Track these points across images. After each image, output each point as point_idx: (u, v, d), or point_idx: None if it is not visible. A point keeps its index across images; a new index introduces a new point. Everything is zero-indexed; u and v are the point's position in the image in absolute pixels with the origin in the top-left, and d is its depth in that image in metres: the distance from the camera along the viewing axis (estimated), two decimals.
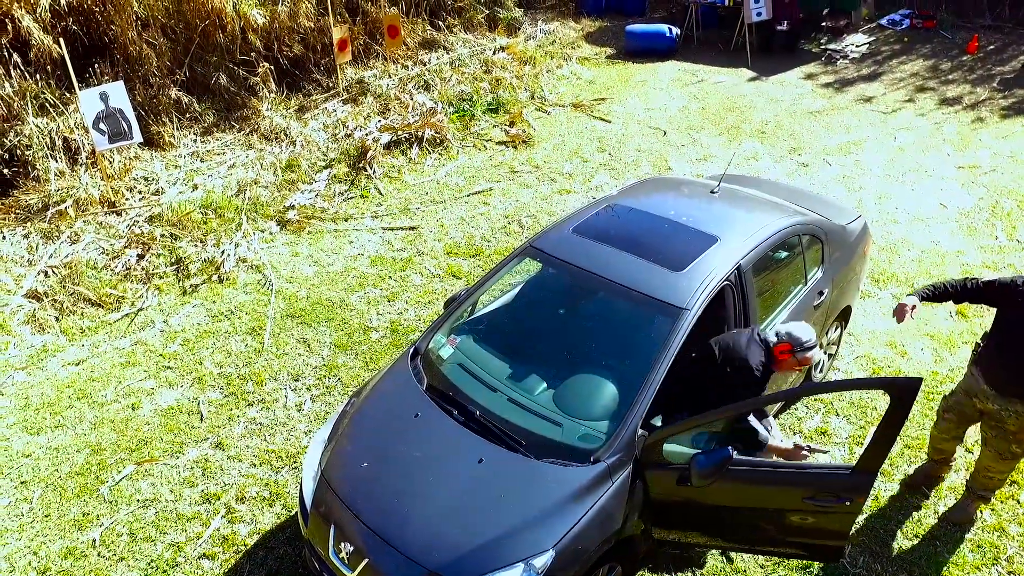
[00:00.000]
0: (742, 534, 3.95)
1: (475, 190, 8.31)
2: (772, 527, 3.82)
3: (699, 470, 3.56)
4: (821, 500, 3.57)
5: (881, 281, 6.64)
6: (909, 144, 9.11)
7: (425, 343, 4.55)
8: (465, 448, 3.88)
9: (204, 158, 8.58)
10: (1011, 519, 4.51)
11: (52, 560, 4.40)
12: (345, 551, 3.66)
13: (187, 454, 5.10)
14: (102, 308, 6.44)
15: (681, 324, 4.01)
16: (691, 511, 3.90)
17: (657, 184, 5.90)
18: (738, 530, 3.93)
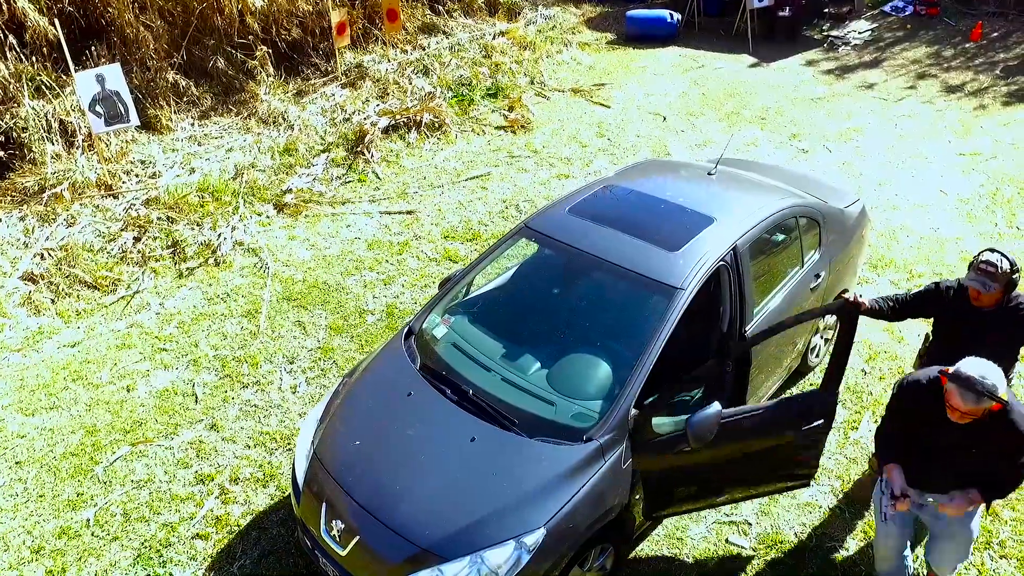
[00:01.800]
0: (736, 484, 4.07)
1: (473, 175, 8.28)
2: (763, 467, 4.02)
3: (694, 431, 3.59)
4: (802, 428, 3.83)
5: (879, 267, 6.61)
6: (910, 131, 9.05)
7: (419, 323, 4.54)
8: (458, 427, 3.87)
9: (201, 142, 8.55)
10: (1004, 504, 4.50)
11: (46, 539, 4.41)
12: (336, 529, 3.66)
13: (181, 435, 5.10)
14: (98, 290, 6.43)
15: (676, 304, 3.99)
16: (688, 477, 3.95)
17: (654, 166, 5.87)
18: (732, 481, 4.05)
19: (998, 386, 3.02)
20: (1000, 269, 3.58)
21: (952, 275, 6.43)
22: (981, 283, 3.62)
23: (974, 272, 3.66)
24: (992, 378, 3.03)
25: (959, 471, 3.34)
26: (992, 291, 3.61)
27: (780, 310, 4.68)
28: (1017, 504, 4.50)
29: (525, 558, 3.45)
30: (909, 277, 6.47)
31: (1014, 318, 3.71)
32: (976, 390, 3.02)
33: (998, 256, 3.62)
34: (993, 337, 3.70)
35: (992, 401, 3.02)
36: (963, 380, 3.05)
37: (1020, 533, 4.34)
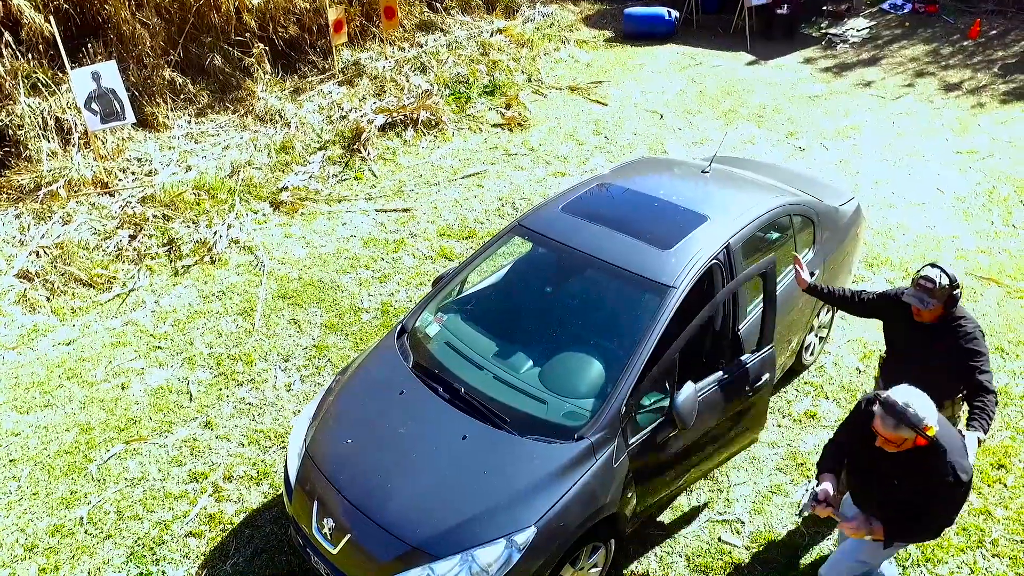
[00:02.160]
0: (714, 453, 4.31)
1: (469, 172, 8.27)
2: (732, 431, 4.30)
3: (680, 412, 3.68)
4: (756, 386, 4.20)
5: (875, 265, 6.61)
6: (907, 129, 9.04)
7: (412, 321, 4.54)
8: (449, 425, 3.88)
9: (198, 139, 8.54)
10: (997, 502, 4.50)
11: (39, 537, 4.41)
12: (328, 527, 3.67)
13: (176, 433, 5.11)
14: (93, 288, 6.43)
15: (668, 302, 3.99)
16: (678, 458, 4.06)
17: (648, 164, 5.87)
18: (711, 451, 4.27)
19: (923, 419, 2.90)
20: (938, 285, 3.50)
21: None
22: (919, 299, 3.56)
23: (913, 288, 3.61)
24: (917, 408, 2.91)
25: (883, 500, 3.25)
26: (931, 307, 3.54)
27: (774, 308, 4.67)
28: (1010, 502, 4.51)
29: (516, 556, 3.45)
30: (905, 275, 6.46)
31: (956, 336, 3.60)
32: (895, 415, 2.92)
33: (938, 272, 3.54)
34: (936, 355, 3.63)
35: (913, 432, 2.92)
36: (886, 404, 2.96)
37: (1013, 532, 4.35)
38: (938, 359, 3.61)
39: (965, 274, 6.46)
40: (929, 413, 2.93)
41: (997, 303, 6.11)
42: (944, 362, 3.60)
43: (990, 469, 4.71)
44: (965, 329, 3.60)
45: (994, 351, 5.61)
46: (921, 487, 3.07)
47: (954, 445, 3.06)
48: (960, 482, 3.01)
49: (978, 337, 3.61)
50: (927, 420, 2.92)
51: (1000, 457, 4.78)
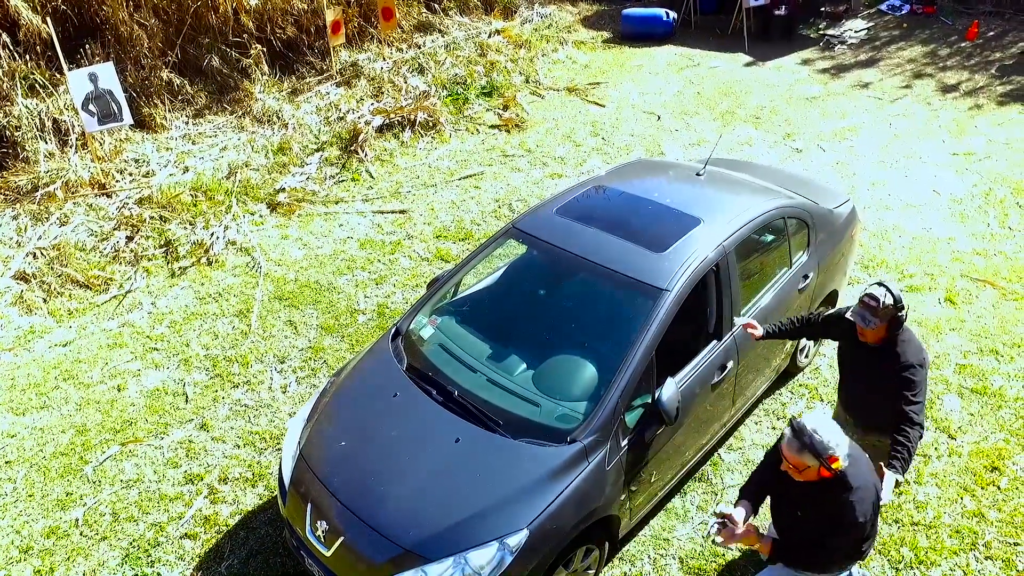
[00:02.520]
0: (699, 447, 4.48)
1: (466, 174, 8.28)
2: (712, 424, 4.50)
3: (665, 407, 3.73)
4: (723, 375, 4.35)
5: (871, 267, 6.62)
6: (904, 130, 9.04)
7: (406, 323, 4.55)
8: (443, 428, 3.89)
9: (195, 140, 8.55)
10: (990, 505, 4.51)
11: (35, 539, 4.42)
12: (321, 529, 3.67)
13: (171, 435, 5.12)
14: (90, 290, 6.44)
15: (661, 305, 4.00)
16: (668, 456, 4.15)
17: (643, 166, 5.88)
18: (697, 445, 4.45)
19: (828, 449, 2.85)
20: (882, 304, 3.40)
21: (943, 275, 6.46)
22: (861, 317, 3.46)
23: (858, 305, 3.51)
24: (824, 436, 2.87)
25: (787, 526, 3.25)
26: (873, 327, 3.44)
27: (768, 310, 4.69)
28: (1003, 505, 4.51)
29: (508, 559, 3.46)
30: (901, 277, 6.47)
31: (896, 361, 3.49)
32: (799, 439, 2.89)
33: (883, 291, 3.43)
34: (881, 377, 3.53)
35: (816, 460, 2.88)
36: (794, 426, 2.94)
37: (1006, 534, 4.35)
38: (883, 381, 3.50)
39: (961, 276, 6.47)
40: (836, 445, 2.88)
41: (992, 305, 6.12)
42: (889, 384, 3.49)
43: (983, 472, 4.72)
44: (905, 356, 3.49)
45: (988, 353, 5.63)
46: (823, 520, 3.02)
47: (864, 483, 3.00)
48: (856, 524, 2.96)
49: (915, 366, 3.48)
50: (832, 451, 2.87)
51: (993, 460, 4.79)
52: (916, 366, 3.48)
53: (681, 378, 4.08)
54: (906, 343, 3.52)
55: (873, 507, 3.04)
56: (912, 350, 3.52)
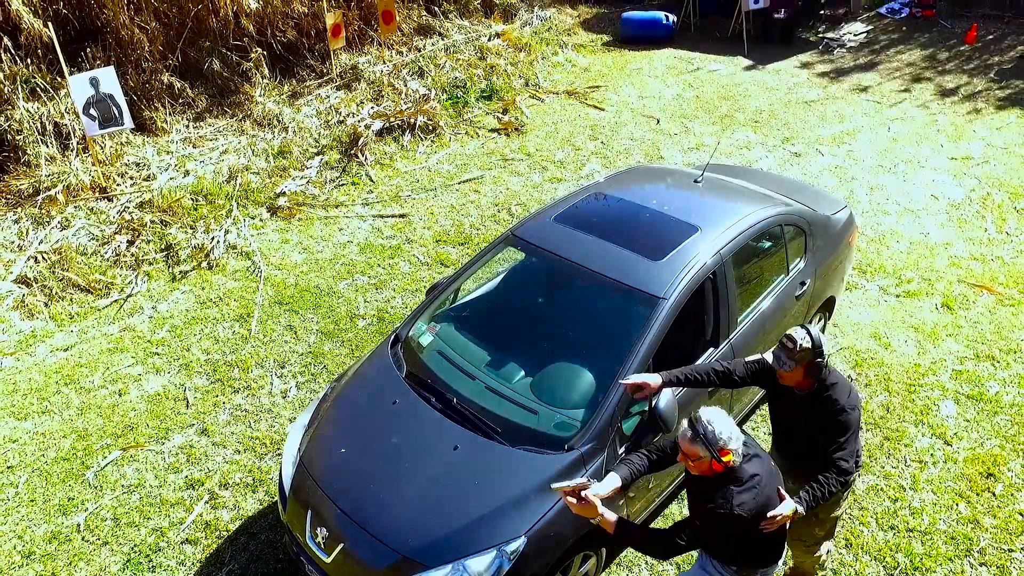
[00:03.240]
0: None
1: (466, 178, 8.31)
2: None
3: (662, 414, 3.74)
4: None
5: (868, 272, 6.65)
6: (903, 134, 9.07)
7: (406, 330, 4.58)
8: (441, 435, 3.92)
9: (196, 144, 8.58)
10: (985, 511, 4.54)
11: (37, 544, 4.45)
12: (321, 536, 3.71)
13: (172, 440, 5.15)
14: (91, 294, 6.47)
15: (658, 313, 4.03)
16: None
17: (641, 173, 5.90)
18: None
19: (719, 440, 2.91)
20: (799, 347, 3.27)
21: (941, 280, 6.49)
22: (776, 358, 3.35)
23: (776, 347, 3.39)
24: (716, 428, 2.92)
25: (692, 513, 3.24)
26: (788, 369, 3.31)
27: (765, 318, 4.73)
28: (998, 511, 4.55)
29: (506, 566, 3.49)
30: (898, 283, 6.50)
31: (825, 407, 3.39)
32: (693, 429, 2.95)
33: (803, 334, 3.30)
34: (809, 423, 3.44)
35: (707, 452, 2.92)
36: (691, 417, 3.00)
37: (1000, 540, 4.39)
38: (812, 428, 3.41)
39: (958, 281, 6.50)
40: (728, 438, 2.93)
41: (989, 311, 6.15)
42: (819, 430, 3.40)
43: (979, 478, 4.75)
44: (835, 402, 3.37)
45: (985, 359, 5.66)
46: (707, 514, 3.04)
47: (757, 486, 3.02)
48: (732, 515, 2.96)
49: (845, 410, 3.37)
50: (724, 444, 2.92)
51: (989, 466, 4.82)
52: (847, 410, 3.37)
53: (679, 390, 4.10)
54: (835, 387, 3.40)
55: (757, 512, 3.02)
56: (841, 393, 3.40)
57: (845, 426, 3.37)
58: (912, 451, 4.96)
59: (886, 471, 4.83)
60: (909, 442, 5.01)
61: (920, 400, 5.32)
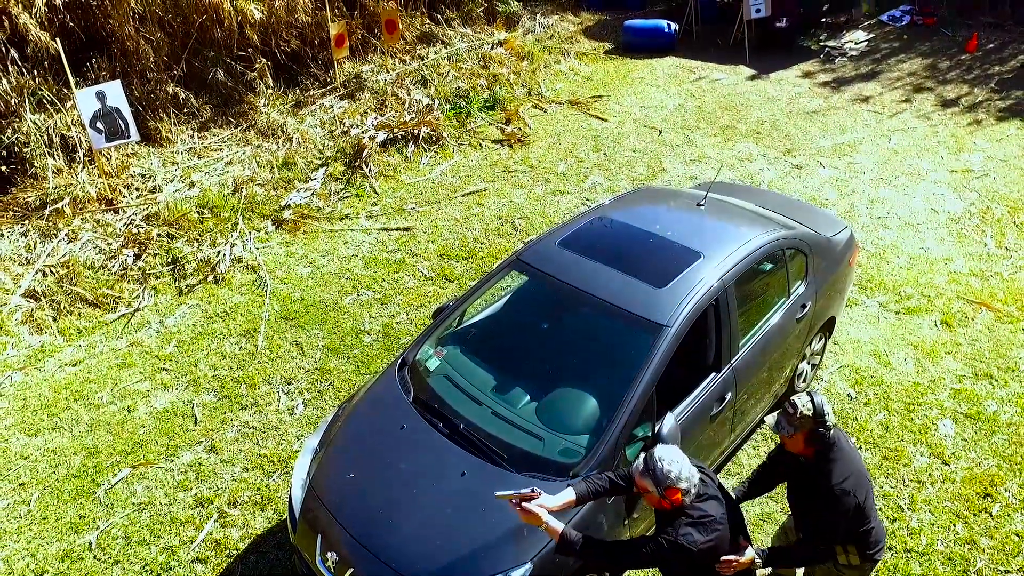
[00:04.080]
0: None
1: (469, 190, 8.37)
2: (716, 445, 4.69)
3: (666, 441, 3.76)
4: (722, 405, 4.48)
5: (868, 289, 6.71)
6: (904, 146, 9.13)
7: (413, 354, 4.64)
8: (449, 461, 3.98)
9: (201, 154, 8.64)
10: (983, 532, 4.62)
11: (49, 562, 4.53)
12: (331, 560, 3.77)
13: (181, 457, 5.22)
14: (99, 308, 6.54)
15: (662, 341, 4.10)
16: None
17: (645, 195, 5.96)
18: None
19: (667, 479, 2.98)
20: (799, 413, 3.20)
21: (940, 297, 6.56)
22: (777, 423, 3.30)
23: (779, 411, 3.33)
24: (667, 468, 2.99)
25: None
26: (787, 434, 3.26)
27: (767, 341, 4.80)
28: (995, 532, 4.62)
29: None
30: (898, 299, 6.57)
31: (824, 480, 3.26)
32: (645, 464, 3.04)
33: (805, 400, 3.23)
34: (809, 494, 3.35)
35: (655, 488, 3.00)
36: (647, 453, 3.07)
37: (997, 561, 4.46)
38: (810, 499, 3.35)
39: (957, 297, 6.57)
40: (677, 479, 3.00)
41: (988, 328, 6.22)
42: (815, 501, 3.32)
43: (976, 498, 4.83)
44: (830, 484, 3.25)
45: (983, 378, 5.73)
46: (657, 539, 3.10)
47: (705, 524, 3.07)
48: (676, 543, 3.03)
49: (838, 496, 3.23)
50: (673, 483, 3.00)
51: (986, 486, 4.90)
52: (838, 494, 3.22)
53: (680, 411, 4.19)
54: (833, 463, 3.27)
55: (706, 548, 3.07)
56: (838, 473, 3.25)
57: (832, 506, 3.24)
58: (910, 470, 5.03)
59: (884, 491, 4.90)
60: (907, 461, 5.09)
61: (919, 419, 5.40)
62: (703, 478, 3.19)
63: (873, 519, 3.39)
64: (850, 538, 3.37)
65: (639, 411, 3.99)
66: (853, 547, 3.41)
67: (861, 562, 3.45)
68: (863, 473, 3.37)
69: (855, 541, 3.39)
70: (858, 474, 3.32)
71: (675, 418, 3.98)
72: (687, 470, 3.06)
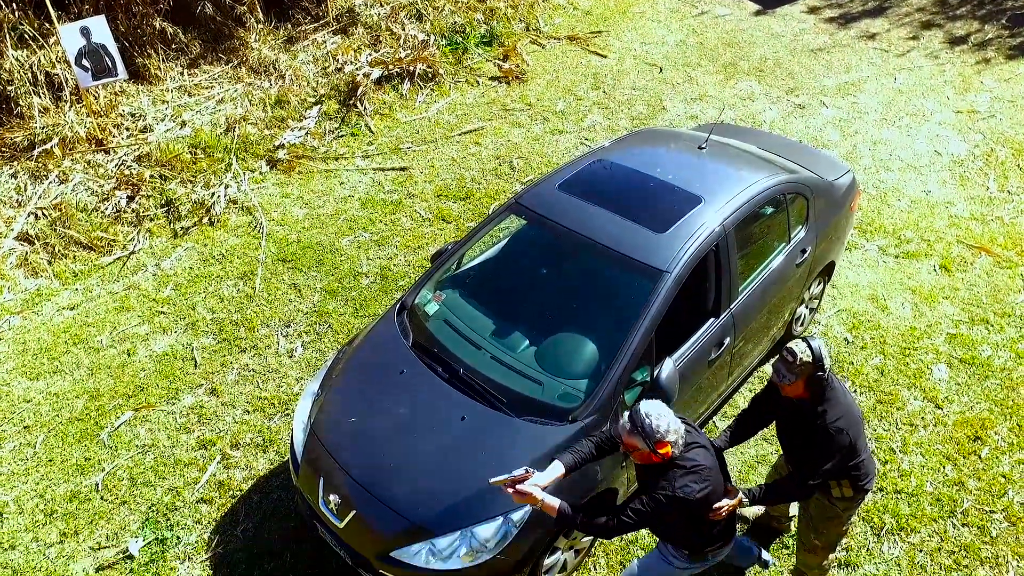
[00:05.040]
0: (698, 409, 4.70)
1: (467, 129, 8.21)
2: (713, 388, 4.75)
3: (664, 385, 3.84)
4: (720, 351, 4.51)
5: (868, 232, 6.68)
6: (909, 86, 8.94)
7: (411, 298, 4.64)
8: (449, 405, 4.03)
9: (192, 92, 8.42)
10: (971, 474, 4.72)
11: (58, 503, 4.62)
12: (334, 502, 3.85)
13: (182, 400, 5.27)
14: (94, 251, 6.49)
15: (662, 287, 4.09)
16: None
17: (646, 137, 5.85)
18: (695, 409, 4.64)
19: (656, 433, 3.02)
20: (799, 360, 3.22)
21: (940, 241, 6.54)
22: (777, 371, 3.32)
23: (777, 358, 3.35)
24: (654, 423, 3.03)
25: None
26: (788, 382, 3.29)
27: (766, 287, 4.79)
28: (983, 474, 4.73)
29: (512, 532, 3.66)
30: (898, 243, 6.54)
31: (814, 423, 3.34)
32: (632, 421, 3.07)
33: (803, 347, 3.24)
34: (803, 432, 3.41)
35: (645, 443, 3.04)
36: (632, 409, 3.11)
37: (983, 502, 4.58)
38: (804, 437, 3.41)
39: (957, 242, 6.55)
40: (666, 432, 3.03)
41: (986, 273, 6.22)
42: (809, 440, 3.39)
43: (967, 441, 4.92)
44: (825, 423, 3.32)
45: (979, 323, 5.77)
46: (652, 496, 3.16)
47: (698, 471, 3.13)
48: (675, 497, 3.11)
49: (831, 433, 3.31)
50: (662, 436, 3.03)
51: (977, 429, 4.98)
52: (833, 433, 3.31)
53: (679, 356, 4.21)
54: (828, 403, 3.33)
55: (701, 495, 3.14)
56: (832, 418, 3.32)
57: (829, 451, 3.33)
58: (904, 414, 5.11)
59: (878, 433, 4.99)
60: (901, 405, 5.16)
61: (914, 363, 5.45)
62: (687, 428, 3.23)
63: (864, 452, 3.50)
64: (843, 473, 3.47)
65: (638, 356, 4.01)
66: (847, 480, 3.51)
67: (853, 494, 3.56)
68: (855, 411, 3.46)
69: (847, 475, 3.49)
70: (850, 412, 3.40)
71: (674, 363, 4.00)
72: (674, 423, 3.10)
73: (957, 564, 4.29)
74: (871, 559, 4.32)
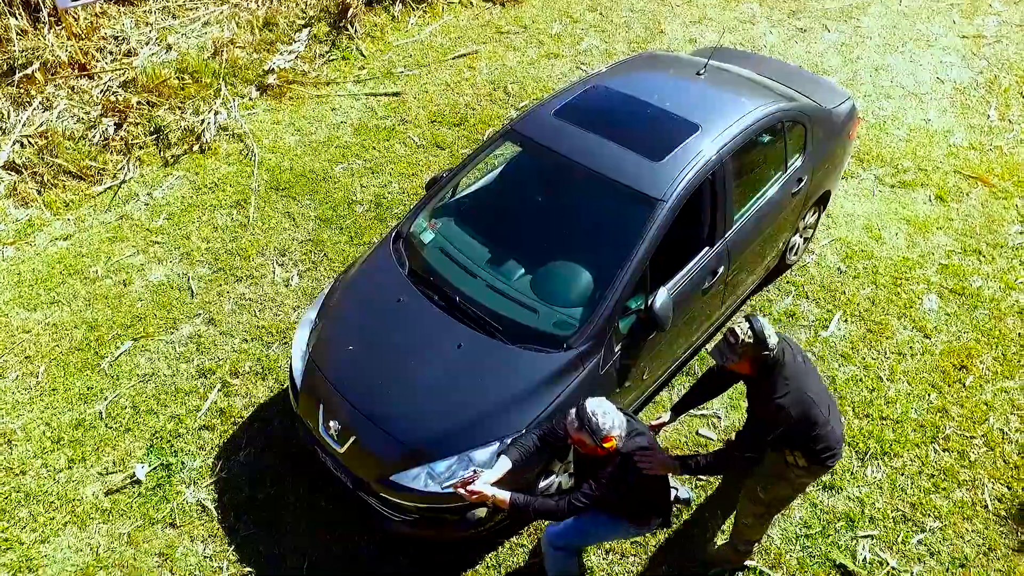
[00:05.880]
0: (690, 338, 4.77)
1: (460, 53, 8.00)
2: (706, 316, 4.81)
3: (659, 314, 3.92)
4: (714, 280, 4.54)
5: (866, 161, 6.63)
6: (914, 8, 8.69)
7: (407, 226, 4.63)
8: (445, 333, 4.08)
9: (176, 14, 8.14)
10: (954, 401, 4.85)
11: (64, 430, 4.71)
12: (334, 428, 3.95)
13: (181, 330, 5.31)
14: (84, 180, 6.40)
15: (657, 215, 4.09)
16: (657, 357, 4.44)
17: (644, 63, 5.72)
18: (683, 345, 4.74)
19: (602, 430, 3.11)
20: (740, 342, 3.15)
21: (936, 171, 6.50)
22: (719, 352, 3.26)
23: (720, 339, 3.28)
24: (601, 421, 3.12)
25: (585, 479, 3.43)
26: (731, 363, 3.24)
27: (761, 216, 4.79)
28: (966, 401, 4.85)
29: None
30: (894, 173, 6.51)
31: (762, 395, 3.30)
32: (579, 419, 3.16)
33: (746, 327, 3.17)
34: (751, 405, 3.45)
35: (591, 440, 3.14)
36: (578, 407, 3.20)
37: (964, 428, 4.72)
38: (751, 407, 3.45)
39: (954, 172, 6.52)
40: (611, 428, 3.14)
41: (981, 204, 6.22)
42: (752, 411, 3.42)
43: (952, 370, 5.03)
44: (767, 399, 3.27)
45: (971, 254, 5.80)
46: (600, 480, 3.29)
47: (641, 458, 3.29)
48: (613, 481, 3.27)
49: (772, 411, 3.26)
50: (607, 432, 3.14)
51: (963, 358, 5.08)
52: (773, 410, 3.24)
53: (673, 285, 4.24)
54: (777, 378, 3.26)
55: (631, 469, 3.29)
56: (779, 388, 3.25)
57: (764, 419, 3.31)
58: (892, 343, 5.20)
59: (866, 362, 5.09)
60: (891, 334, 5.25)
61: (905, 293, 5.51)
62: (627, 419, 3.33)
63: (821, 427, 3.38)
64: (794, 444, 3.44)
65: (632, 285, 4.04)
66: (799, 451, 3.47)
67: (810, 464, 3.50)
68: (809, 388, 3.34)
69: (800, 447, 3.45)
70: (798, 390, 3.28)
71: (668, 292, 4.04)
72: (618, 419, 3.20)
73: (936, 487, 4.45)
74: (854, 482, 4.48)
